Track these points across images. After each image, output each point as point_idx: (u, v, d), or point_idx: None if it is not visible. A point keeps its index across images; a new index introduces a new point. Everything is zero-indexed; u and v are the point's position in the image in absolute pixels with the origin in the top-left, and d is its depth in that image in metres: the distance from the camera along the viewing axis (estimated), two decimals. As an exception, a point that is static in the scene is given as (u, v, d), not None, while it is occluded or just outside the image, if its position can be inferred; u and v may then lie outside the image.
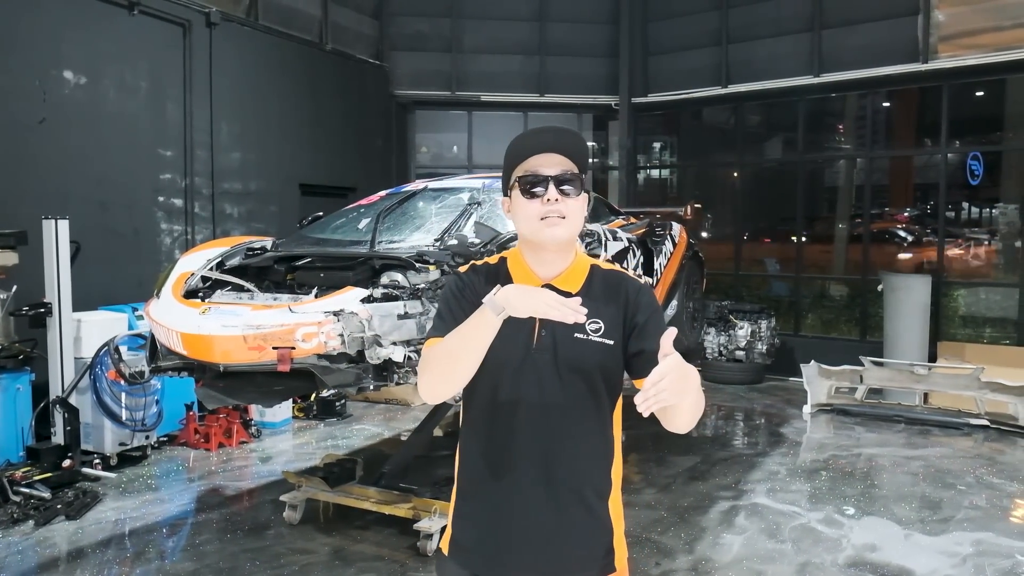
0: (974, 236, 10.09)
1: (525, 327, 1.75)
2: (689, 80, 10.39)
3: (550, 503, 1.77)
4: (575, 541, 1.80)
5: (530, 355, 1.77)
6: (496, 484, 1.80)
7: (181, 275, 4.31)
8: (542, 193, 1.77)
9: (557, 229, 1.77)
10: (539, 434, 1.77)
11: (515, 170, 1.82)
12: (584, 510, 1.80)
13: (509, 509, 1.79)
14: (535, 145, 1.80)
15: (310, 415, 7.42)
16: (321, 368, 3.62)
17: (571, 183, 1.78)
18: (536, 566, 1.79)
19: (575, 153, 1.80)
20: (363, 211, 5.14)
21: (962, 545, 4.58)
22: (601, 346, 1.78)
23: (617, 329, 1.80)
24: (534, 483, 1.77)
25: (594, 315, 1.76)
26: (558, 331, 1.75)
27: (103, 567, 4.25)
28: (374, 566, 4.24)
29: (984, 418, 7.26)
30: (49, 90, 6.44)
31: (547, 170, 1.77)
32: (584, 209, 1.83)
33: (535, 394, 1.76)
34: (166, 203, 7.48)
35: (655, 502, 5.31)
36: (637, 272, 5.49)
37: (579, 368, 1.76)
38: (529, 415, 1.76)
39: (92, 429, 5.80)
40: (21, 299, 5.65)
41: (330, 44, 9.52)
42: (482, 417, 1.83)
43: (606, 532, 1.83)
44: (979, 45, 8.60)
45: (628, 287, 1.84)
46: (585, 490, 1.80)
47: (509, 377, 1.77)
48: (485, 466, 1.82)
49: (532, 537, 1.78)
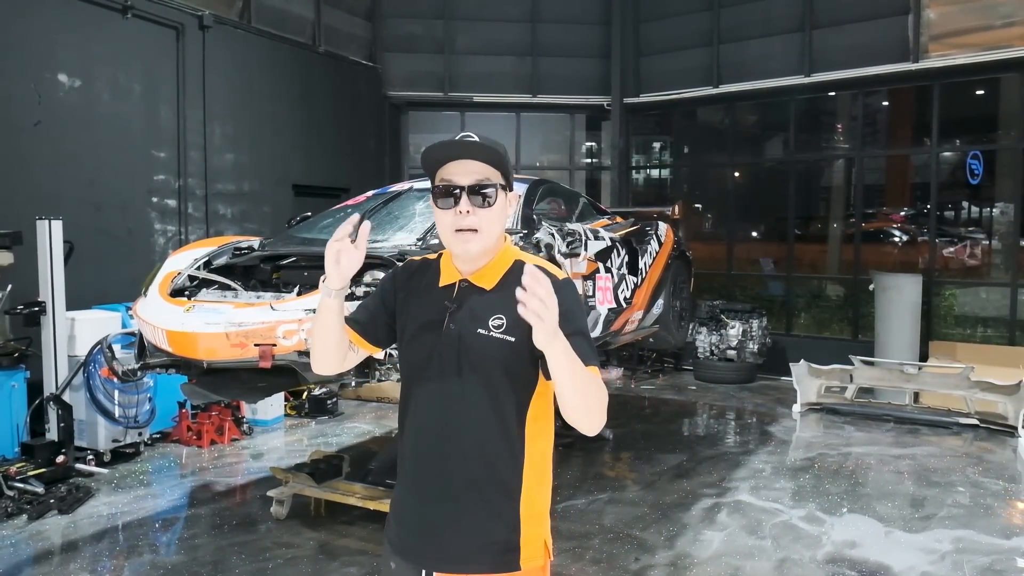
0: (969, 236, 10.14)
1: (436, 324, 1.80)
2: (681, 80, 10.46)
3: (445, 494, 1.80)
4: (466, 533, 1.79)
5: (436, 349, 1.79)
6: (404, 475, 1.88)
7: (168, 274, 4.40)
8: (455, 204, 1.76)
9: (468, 244, 1.78)
10: (440, 426, 1.80)
11: (434, 177, 1.80)
12: (480, 504, 1.79)
13: (411, 500, 1.85)
14: (450, 152, 1.77)
15: (302, 413, 7.50)
16: (302, 364, 3.69)
17: (487, 190, 1.76)
18: (431, 554, 1.82)
19: (492, 159, 1.77)
20: (349, 211, 5.21)
21: (942, 542, 4.62)
22: (501, 342, 1.76)
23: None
24: (434, 473, 1.81)
25: (500, 311, 1.76)
26: (463, 326, 1.78)
27: (95, 560, 4.32)
28: (357, 560, 4.31)
29: (974, 417, 7.29)
30: (44, 93, 6.52)
31: (461, 179, 1.76)
32: (503, 218, 1.81)
33: (438, 387, 1.79)
34: (160, 204, 7.56)
35: (639, 499, 5.37)
36: (622, 271, 5.55)
37: (479, 364, 1.77)
38: (431, 407, 1.81)
39: (86, 426, 5.89)
40: (16, 298, 5.73)
41: (323, 46, 9.60)
42: (404, 408, 1.89)
43: (507, 529, 1.80)
44: (969, 44, 8.64)
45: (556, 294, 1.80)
46: (481, 484, 1.79)
47: (419, 370, 1.82)
48: (403, 455, 1.89)
49: (428, 526, 1.82)
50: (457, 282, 1.84)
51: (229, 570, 4.18)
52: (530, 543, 1.83)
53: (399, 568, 1.88)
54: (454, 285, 1.84)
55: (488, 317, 1.77)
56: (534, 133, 11.44)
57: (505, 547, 1.81)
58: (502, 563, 1.80)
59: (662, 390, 9.25)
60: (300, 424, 7.34)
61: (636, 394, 9.02)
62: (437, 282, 1.86)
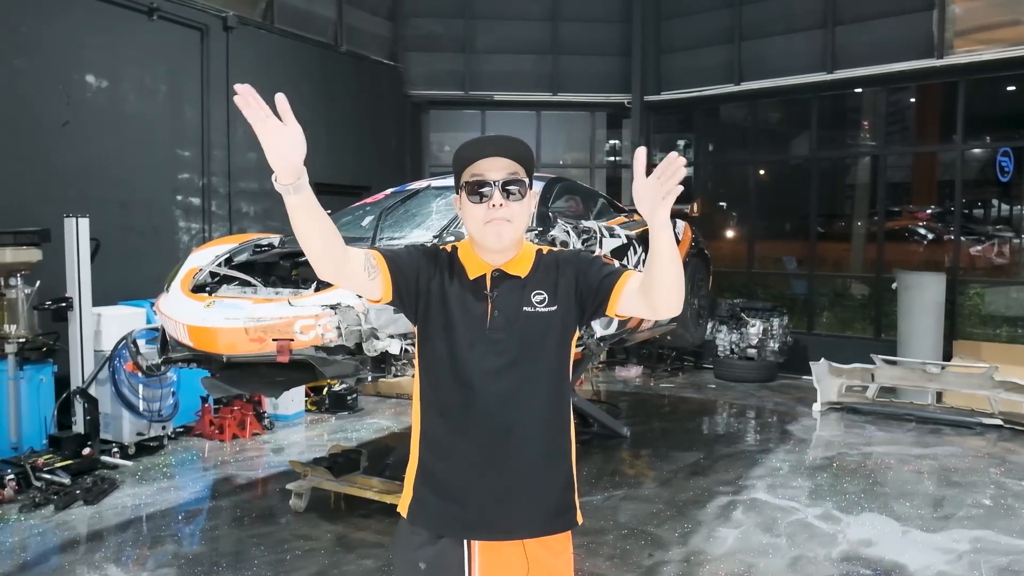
0: (997, 234, 10.00)
1: (479, 312, 1.89)
2: (702, 78, 10.41)
3: (512, 467, 1.89)
4: (535, 499, 1.92)
5: (483, 335, 1.89)
6: (461, 453, 1.91)
7: (190, 271, 4.49)
8: (488, 197, 1.86)
9: (503, 233, 1.88)
10: (499, 405, 1.88)
11: (463, 174, 1.90)
12: (546, 470, 1.93)
13: (474, 475, 1.90)
14: (481, 149, 1.89)
15: (322, 409, 7.60)
16: (319, 359, 3.76)
17: (516, 186, 1.88)
18: (498, 525, 1.90)
19: (521, 157, 1.89)
20: (368, 209, 5.28)
21: (960, 542, 4.58)
22: (547, 314, 1.91)
23: (556, 295, 1.92)
24: (498, 449, 1.89)
25: (538, 287, 1.92)
26: (507, 310, 1.90)
27: (120, 549, 4.43)
28: (373, 552, 4.38)
29: (998, 417, 7.20)
30: (72, 94, 6.66)
31: (493, 174, 1.87)
32: (529, 210, 1.92)
33: (492, 369, 1.88)
34: (184, 202, 7.69)
35: (654, 496, 5.38)
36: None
37: (530, 341, 1.90)
38: (488, 389, 1.88)
39: (111, 419, 6.02)
40: (44, 294, 5.86)
41: (345, 46, 9.69)
42: (443, 394, 1.93)
43: (567, 490, 1.96)
44: (996, 40, 8.50)
45: (562, 256, 1.99)
46: (546, 451, 1.93)
47: (465, 356, 1.89)
48: (448, 438, 1.93)
49: (495, 499, 1.89)
50: (489, 272, 1.93)
51: (249, 561, 4.26)
52: (577, 500, 2.00)
53: (442, 548, 1.91)
54: (485, 276, 1.93)
55: (528, 295, 1.91)
56: (555, 131, 11.45)
57: (566, 507, 1.97)
58: (562, 523, 1.96)
59: (681, 388, 9.23)
60: (320, 419, 7.43)
61: (655, 392, 9.01)
62: (465, 275, 1.94)
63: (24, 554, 4.34)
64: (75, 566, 4.18)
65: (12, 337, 5.68)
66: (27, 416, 5.74)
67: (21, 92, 6.29)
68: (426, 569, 1.91)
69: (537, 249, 2.00)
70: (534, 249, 2.00)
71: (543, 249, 2.01)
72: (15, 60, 6.24)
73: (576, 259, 1.98)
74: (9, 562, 4.21)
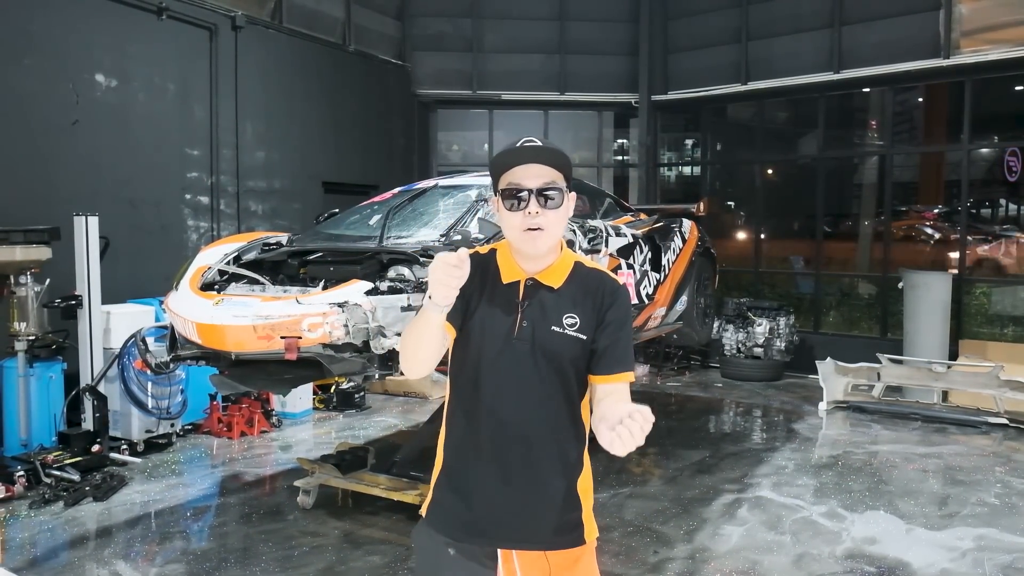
0: (1004, 234, 9.98)
1: (508, 320, 1.91)
2: (709, 77, 10.41)
3: (526, 479, 1.91)
4: (546, 514, 1.93)
5: (510, 344, 1.90)
6: (478, 460, 1.94)
7: (199, 269, 4.52)
8: (524, 205, 1.86)
9: (537, 242, 1.88)
10: (518, 416, 1.90)
11: (500, 180, 1.91)
12: (556, 486, 1.93)
13: (489, 483, 1.92)
14: (518, 156, 1.87)
15: (330, 406, 7.63)
16: (327, 357, 3.79)
17: (553, 192, 1.87)
18: (509, 535, 1.93)
19: (557, 163, 1.88)
20: (375, 208, 5.30)
21: (964, 540, 4.59)
22: (575, 340, 1.91)
23: (590, 325, 1.92)
24: (512, 460, 1.91)
25: (571, 310, 1.92)
26: (537, 324, 1.90)
27: (128, 545, 4.47)
28: (380, 549, 4.41)
29: (1003, 416, 7.20)
30: (81, 93, 6.71)
31: (529, 182, 1.86)
32: (567, 216, 1.92)
33: (513, 378, 1.90)
34: (193, 200, 7.74)
35: (660, 493, 5.40)
36: (644, 268, 5.59)
37: (553, 358, 1.90)
38: (508, 398, 1.90)
39: (120, 416, 6.06)
40: (54, 292, 5.90)
41: (353, 45, 9.73)
42: (467, 398, 1.96)
43: (575, 507, 1.96)
44: (1003, 40, 8.48)
45: (606, 286, 1.96)
46: (557, 468, 1.93)
47: (490, 363, 1.91)
48: (469, 443, 1.95)
49: (508, 509, 1.92)
50: (523, 280, 1.93)
51: (257, 557, 4.30)
52: (588, 518, 2.00)
53: (461, 552, 1.95)
54: (518, 283, 1.93)
55: (561, 315, 1.90)
56: (562, 130, 11.46)
57: (575, 524, 1.97)
58: (575, 539, 1.96)
59: (688, 387, 9.24)
60: (328, 417, 7.47)
61: (662, 391, 9.02)
62: (499, 279, 1.95)
63: (34, 550, 4.38)
64: (84, 562, 4.22)
65: (22, 335, 5.72)
66: (37, 413, 5.79)
67: (31, 91, 6.33)
68: (455, 556, 1.95)
69: (576, 261, 1.99)
70: (573, 259, 1.99)
71: (584, 261, 2.00)
72: (25, 59, 6.29)
73: (619, 311, 1.94)
74: (19, 558, 4.26)
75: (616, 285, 1.97)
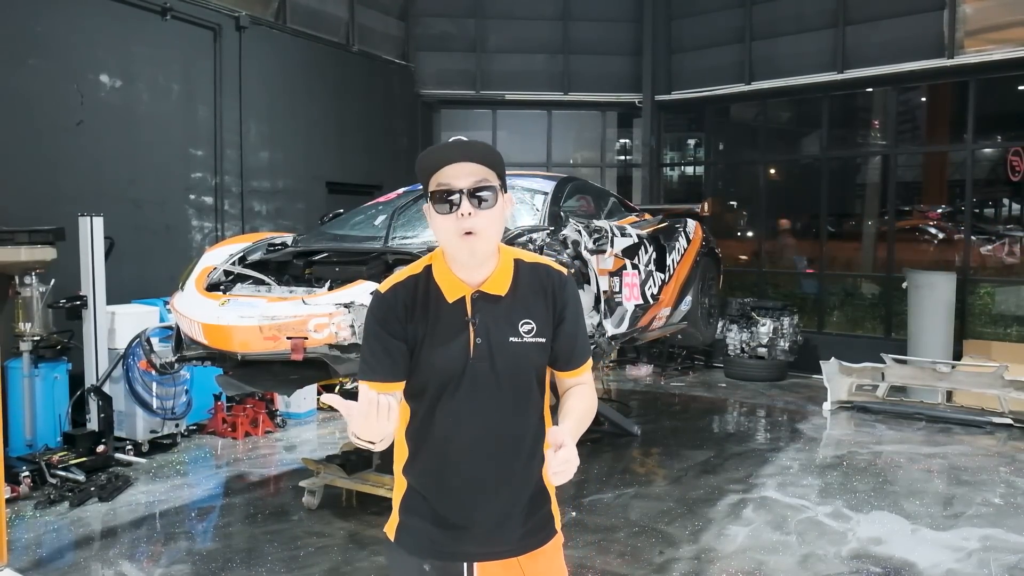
0: (1008, 233, 9.95)
1: (461, 341, 1.81)
2: (712, 77, 10.41)
3: (497, 493, 1.85)
4: (520, 521, 1.89)
5: (469, 364, 1.81)
6: (447, 483, 1.86)
7: (204, 269, 4.53)
8: (456, 207, 1.74)
9: (475, 247, 1.77)
10: (485, 435, 1.83)
11: (429, 182, 1.79)
12: (527, 491, 1.89)
13: (460, 503, 1.86)
14: (447, 154, 1.76)
15: (334, 407, 7.61)
16: (332, 357, 3.79)
17: (486, 192, 1.75)
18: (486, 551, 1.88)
19: (489, 160, 1.77)
20: (380, 208, 5.31)
21: (969, 540, 4.59)
22: (535, 345, 1.84)
23: (547, 326, 1.85)
24: (484, 477, 1.85)
25: (524, 316, 1.83)
26: (492, 338, 1.81)
27: (134, 546, 4.48)
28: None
29: (1008, 416, 7.19)
30: (86, 93, 6.71)
31: (460, 182, 1.74)
32: (502, 217, 1.81)
33: (477, 401, 1.82)
34: (197, 201, 7.75)
35: (665, 494, 5.40)
36: (649, 268, 5.58)
37: (516, 369, 1.83)
38: (474, 421, 1.82)
39: (125, 417, 6.07)
40: (59, 292, 5.92)
41: (357, 45, 9.73)
42: (427, 425, 1.86)
43: (546, 501, 1.94)
44: (1007, 40, 8.47)
45: (553, 281, 1.88)
46: (528, 473, 1.88)
47: (450, 391, 1.82)
48: (433, 468, 1.87)
49: (482, 525, 1.86)
50: (469, 295, 1.83)
51: (262, 557, 4.30)
52: (555, 505, 1.98)
53: (435, 569, 1.89)
54: (464, 299, 1.82)
55: (516, 323, 1.82)
56: (566, 130, 11.48)
57: (547, 519, 1.95)
58: (546, 534, 1.94)
59: (692, 387, 9.24)
60: (332, 417, 7.47)
61: (666, 391, 9.02)
62: (442, 298, 1.83)
63: (39, 550, 4.39)
64: (90, 562, 4.23)
65: (27, 335, 5.74)
66: (42, 414, 5.81)
67: (36, 91, 6.34)
68: (430, 572, 1.89)
69: (515, 258, 1.89)
70: (512, 257, 1.88)
71: (522, 257, 1.90)
72: (30, 60, 6.29)
73: (572, 303, 1.90)
74: (25, 558, 4.26)
75: (563, 277, 1.89)
